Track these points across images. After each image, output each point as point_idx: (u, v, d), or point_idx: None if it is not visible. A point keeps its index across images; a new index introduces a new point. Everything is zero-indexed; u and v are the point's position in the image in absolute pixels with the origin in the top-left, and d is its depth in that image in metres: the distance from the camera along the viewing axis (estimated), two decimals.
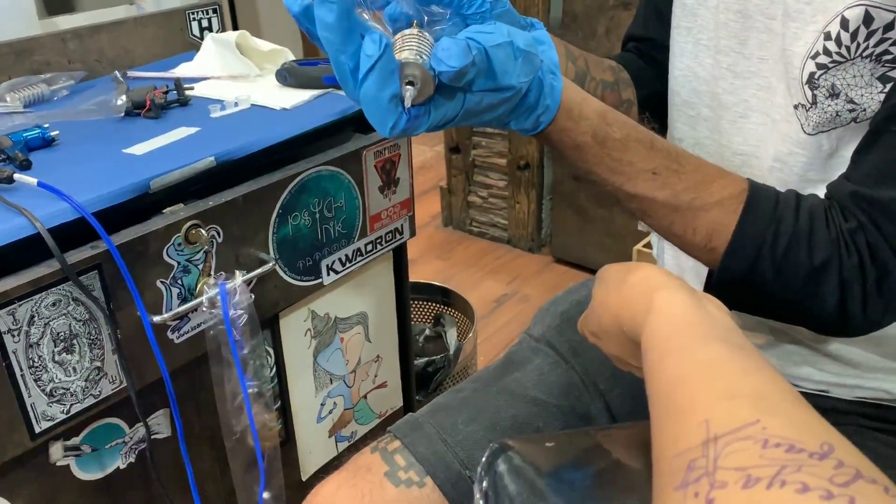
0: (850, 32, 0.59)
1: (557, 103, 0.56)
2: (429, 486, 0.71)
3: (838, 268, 0.58)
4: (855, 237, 0.58)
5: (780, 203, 0.60)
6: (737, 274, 0.60)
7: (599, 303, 0.52)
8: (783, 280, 0.59)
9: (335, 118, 0.97)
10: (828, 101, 0.62)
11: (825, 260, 0.58)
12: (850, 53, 0.59)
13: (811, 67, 0.61)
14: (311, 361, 1.04)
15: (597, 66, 0.80)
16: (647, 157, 0.59)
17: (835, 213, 0.59)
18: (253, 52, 1.11)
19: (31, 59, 1.03)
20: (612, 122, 0.58)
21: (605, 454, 0.48)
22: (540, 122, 0.57)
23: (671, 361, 0.41)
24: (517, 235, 2.55)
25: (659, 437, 0.37)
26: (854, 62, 0.60)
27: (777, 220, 0.59)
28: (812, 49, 0.61)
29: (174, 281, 0.80)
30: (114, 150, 0.85)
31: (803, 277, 0.58)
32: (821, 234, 0.58)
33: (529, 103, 0.55)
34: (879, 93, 0.60)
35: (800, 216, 0.59)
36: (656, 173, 0.59)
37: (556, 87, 0.56)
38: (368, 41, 0.47)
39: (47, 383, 0.72)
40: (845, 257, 0.58)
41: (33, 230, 0.69)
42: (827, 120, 0.63)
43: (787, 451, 0.31)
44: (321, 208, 0.94)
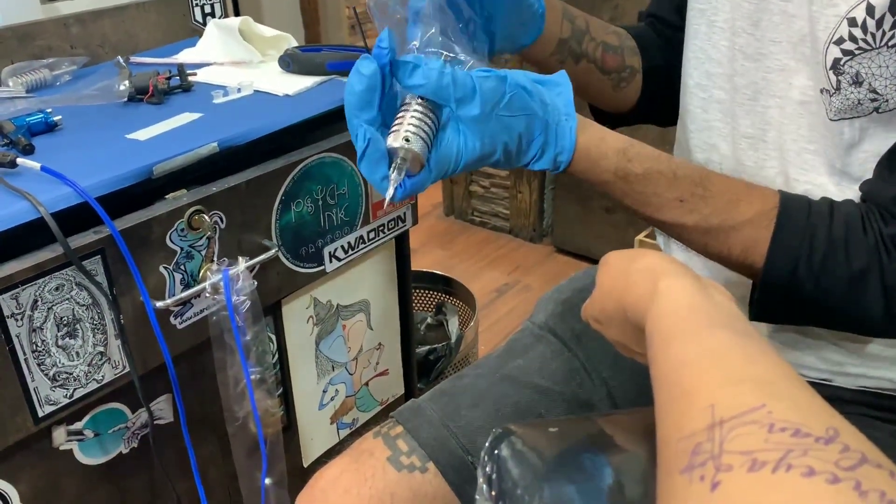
0: (875, 20, 0.58)
1: (573, 144, 0.59)
2: (431, 471, 0.72)
3: (880, 274, 0.58)
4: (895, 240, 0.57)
5: (813, 214, 0.60)
6: (777, 289, 0.61)
7: (603, 289, 0.52)
8: (824, 290, 0.59)
9: (338, 105, 0.96)
10: (851, 88, 0.61)
11: (865, 267, 0.58)
12: (875, 42, 0.59)
13: (836, 53, 0.61)
14: (314, 348, 1.05)
15: (600, 28, 0.81)
16: (671, 187, 0.61)
17: (873, 218, 0.59)
18: (256, 38, 1.10)
19: (34, 43, 1.03)
20: (632, 158, 0.60)
21: (607, 439, 0.48)
22: (559, 163, 0.60)
23: (676, 347, 0.41)
24: (519, 225, 2.55)
25: (664, 422, 0.37)
26: (880, 51, 0.59)
27: (811, 231, 0.59)
28: (835, 34, 0.60)
29: (177, 267, 0.80)
30: (117, 136, 0.85)
31: (844, 286, 0.58)
32: (858, 240, 0.58)
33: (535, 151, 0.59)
34: None
35: (834, 225, 0.59)
36: (683, 200, 0.61)
37: (570, 128, 0.59)
38: (360, 133, 0.54)
39: (50, 368, 0.72)
40: (886, 262, 0.57)
41: (37, 214, 0.69)
42: (849, 107, 0.62)
43: (792, 435, 0.31)
44: (324, 195, 0.94)
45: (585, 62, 0.80)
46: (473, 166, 0.58)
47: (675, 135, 0.84)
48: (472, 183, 2.61)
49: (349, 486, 0.71)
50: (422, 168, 0.55)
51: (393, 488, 0.70)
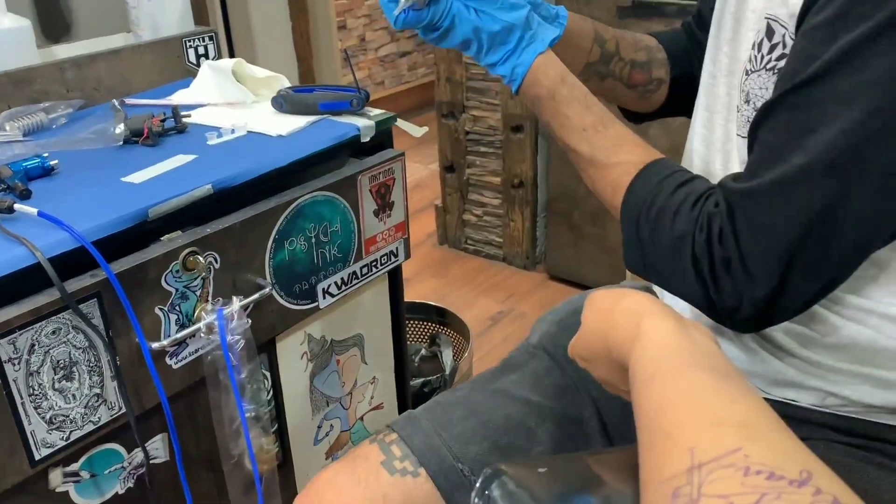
0: (758, 43, 0.65)
1: (530, 63, 0.72)
2: (422, 476, 0.75)
3: (691, 242, 0.63)
4: (711, 219, 0.62)
5: (669, 179, 0.66)
6: (628, 233, 0.69)
7: (589, 328, 0.53)
8: (655, 246, 0.66)
9: (330, 144, 0.98)
10: (745, 105, 0.68)
11: (682, 233, 0.63)
12: (758, 64, 0.65)
13: (741, 74, 0.68)
14: (308, 384, 1.05)
15: (630, 46, 0.89)
16: (580, 116, 0.72)
17: (709, 198, 0.64)
18: (249, 79, 1.12)
19: (30, 88, 1.05)
20: (567, 84, 0.72)
21: (596, 478, 0.49)
22: (515, 75, 0.72)
23: (658, 387, 0.42)
24: (512, 253, 2.56)
25: (646, 463, 0.38)
26: (759, 73, 0.65)
27: (656, 192, 0.66)
28: (749, 54, 0.68)
29: (172, 307, 0.81)
30: (112, 179, 0.86)
31: (667, 247, 0.65)
32: (685, 211, 0.64)
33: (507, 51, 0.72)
34: None
35: (676, 192, 0.65)
36: (585, 130, 0.71)
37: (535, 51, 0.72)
38: None
39: (47, 411, 0.73)
40: (697, 234, 0.62)
41: (34, 260, 0.70)
42: (742, 124, 0.68)
43: (767, 478, 0.33)
44: (317, 233, 0.95)
45: (611, 80, 0.89)
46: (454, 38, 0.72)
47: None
48: (466, 212, 2.63)
49: (343, 488, 0.74)
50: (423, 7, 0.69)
51: (385, 490, 0.74)
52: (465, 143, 2.51)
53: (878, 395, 0.70)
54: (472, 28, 0.71)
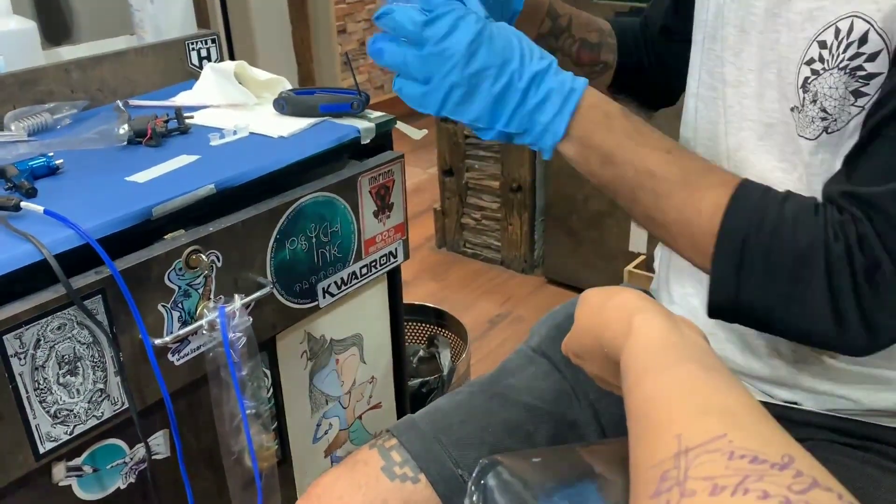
0: (837, 41, 0.61)
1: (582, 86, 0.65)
2: (422, 482, 0.76)
3: (824, 251, 0.58)
4: (845, 227, 0.58)
5: (769, 195, 0.62)
6: (725, 260, 0.62)
7: (582, 325, 0.55)
8: (771, 267, 0.60)
9: (331, 146, 1.00)
10: (810, 105, 0.64)
11: (811, 243, 0.58)
12: (832, 62, 0.62)
13: (806, 72, 0.64)
14: (307, 383, 1.07)
15: (583, 25, 0.89)
16: (661, 138, 0.66)
17: (828, 207, 0.60)
18: (251, 82, 1.14)
19: (35, 88, 1.06)
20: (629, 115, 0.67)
21: (588, 469, 0.51)
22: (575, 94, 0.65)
23: (648, 380, 0.44)
24: (510, 257, 2.58)
25: (636, 450, 0.40)
26: (832, 72, 0.62)
27: (765, 205, 0.61)
28: (806, 55, 0.64)
29: (175, 305, 0.82)
30: (117, 178, 0.88)
31: (791, 260, 0.59)
32: (807, 219, 0.59)
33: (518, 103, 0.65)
34: (851, 105, 0.62)
35: (787, 204, 0.61)
36: (670, 152, 0.65)
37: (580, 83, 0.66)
38: None
39: (52, 405, 0.74)
40: (832, 242, 0.58)
41: (40, 257, 0.71)
42: (806, 124, 0.65)
43: (750, 462, 0.34)
44: (317, 233, 0.97)
45: (559, 55, 0.87)
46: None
47: None
48: (464, 215, 2.65)
49: (343, 493, 0.75)
50: None
51: (385, 496, 0.74)
52: (464, 147, 2.53)
53: (882, 397, 0.71)
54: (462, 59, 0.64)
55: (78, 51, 1.19)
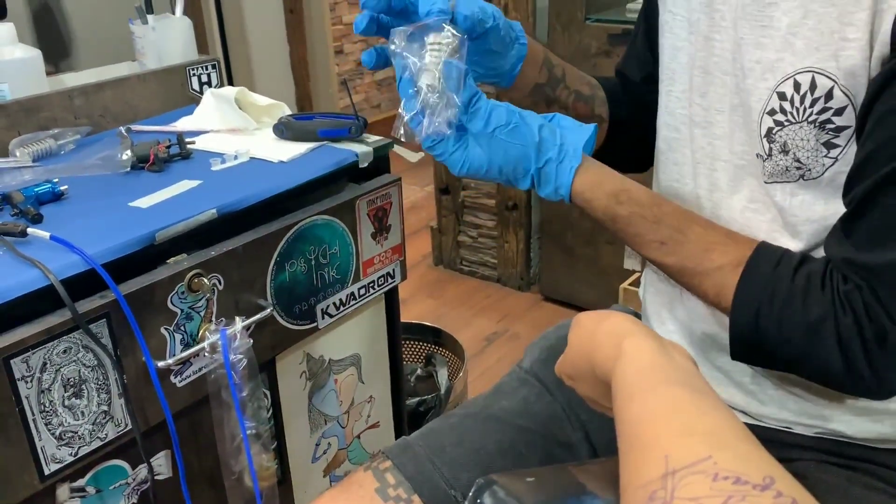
0: (800, 95, 0.64)
1: (569, 182, 0.69)
2: (415, 503, 0.77)
3: (834, 325, 0.61)
4: (850, 297, 0.61)
5: (781, 265, 0.65)
6: (744, 331, 0.66)
7: (574, 348, 0.57)
8: (785, 337, 0.64)
9: (330, 170, 1.02)
10: (780, 155, 0.67)
11: (820, 317, 0.62)
12: (798, 116, 0.65)
13: (769, 123, 0.67)
14: (307, 403, 1.08)
15: (576, 78, 0.89)
16: (653, 231, 0.69)
17: (834, 276, 0.63)
18: (251, 107, 1.16)
19: (40, 115, 1.08)
20: (623, 202, 0.69)
21: (580, 487, 0.52)
22: (560, 195, 0.69)
23: (637, 402, 0.45)
24: (506, 274, 2.60)
25: (625, 470, 0.41)
26: (801, 125, 0.65)
27: (774, 281, 0.64)
28: (767, 105, 0.67)
29: (177, 327, 0.84)
30: (120, 204, 0.90)
31: (802, 334, 0.62)
32: (815, 293, 0.62)
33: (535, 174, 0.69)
34: (824, 157, 0.65)
35: (796, 278, 0.64)
36: (664, 243, 0.69)
37: (571, 168, 0.68)
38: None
39: (57, 427, 0.76)
40: (840, 314, 0.61)
41: (47, 282, 0.73)
42: (779, 172, 0.68)
43: (733, 483, 0.36)
44: (316, 255, 0.99)
45: (556, 107, 0.87)
46: (476, 175, 0.69)
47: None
48: (461, 233, 2.67)
49: None
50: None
51: None
52: None
53: (867, 428, 0.72)
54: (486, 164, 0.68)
55: (81, 77, 1.21)
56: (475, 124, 0.67)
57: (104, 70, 1.26)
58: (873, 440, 0.73)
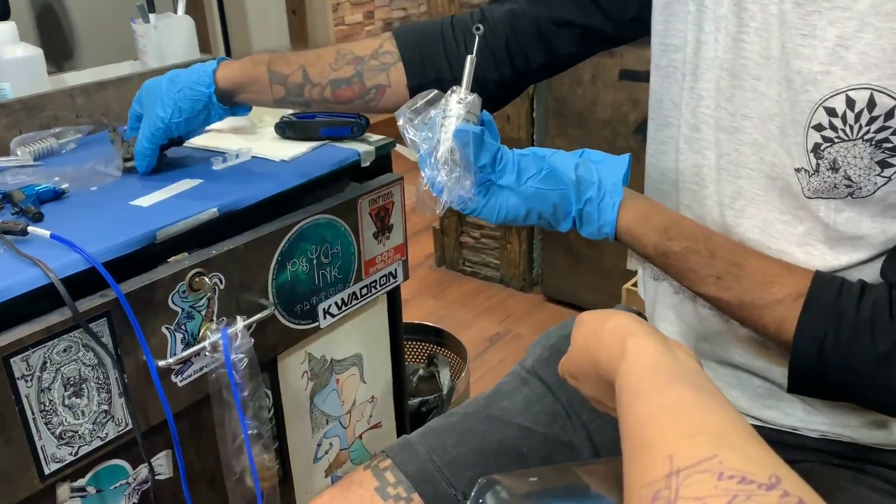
0: (854, 113, 0.61)
1: (614, 219, 0.68)
2: (416, 502, 0.77)
3: None
4: None
5: (843, 294, 0.62)
6: (807, 366, 0.64)
7: (578, 347, 0.56)
8: (851, 370, 0.61)
9: (332, 169, 1.01)
10: (829, 172, 0.64)
11: (890, 348, 0.59)
12: (852, 133, 0.62)
13: (816, 138, 0.64)
14: (308, 403, 1.08)
15: (326, 68, 0.89)
16: (708, 266, 0.66)
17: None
18: None
19: (41, 114, 1.08)
20: (673, 237, 0.67)
21: (583, 487, 0.52)
22: (604, 234, 0.69)
23: (641, 402, 0.45)
24: (509, 275, 2.59)
25: (629, 470, 0.41)
26: (856, 143, 0.62)
27: (839, 311, 0.62)
28: (812, 119, 0.63)
29: (178, 326, 0.84)
30: (121, 203, 0.90)
31: (871, 366, 0.60)
32: (884, 323, 0.60)
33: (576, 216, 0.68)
34: (877, 175, 0.62)
35: (861, 307, 0.61)
36: (720, 278, 0.66)
37: (613, 205, 0.68)
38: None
39: (57, 426, 0.75)
40: None
41: (47, 280, 0.73)
42: (825, 189, 0.65)
43: (739, 482, 0.35)
44: (318, 255, 0.98)
45: (317, 104, 0.89)
46: (514, 222, 0.69)
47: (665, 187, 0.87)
48: (463, 234, 2.66)
49: None
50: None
51: None
52: None
53: (878, 433, 0.72)
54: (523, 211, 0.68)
55: (82, 76, 1.21)
56: (506, 179, 0.66)
57: (106, 69, 1.26)
58: (881, 444, 0.72)
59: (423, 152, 0.66)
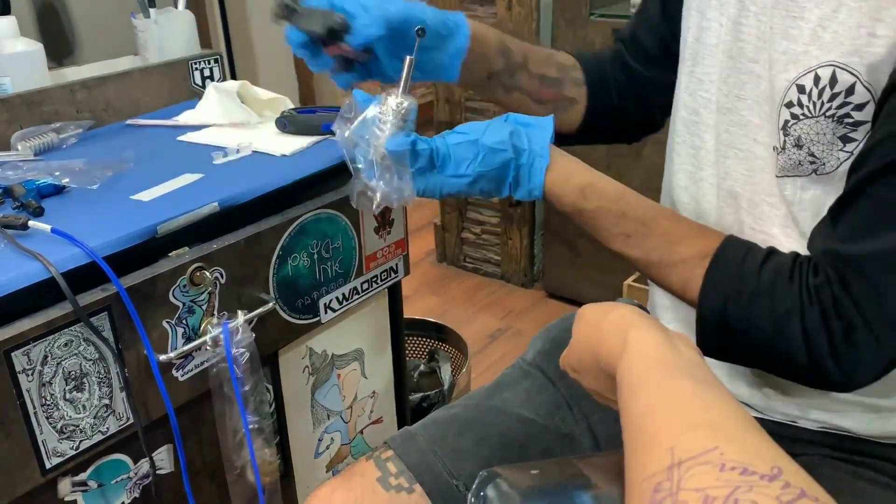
0: (818, 89, 0.63)
1: (542, 181, 0.70)
2: (417, 492, 0.77)
3: (800, 317, 0.61)
4: (819, 291, 0.61)
5: (748, 258, 0.65)
6: (711, 325, 0.66)
7: (579, 340, 0.56)
8: (752, 330, 0.64)
9: (333, 163, 1.01)
10: (794, 149, 0.66)
11: (788, 310, 0.61)
12: (815, 110, 0.64)
13: (786, 115, 0.66)
14: (309, 397, 1.08)
15: (540, 61, 0.88)
16: (618, 224, 0.70)
17: (803, 269, 0.62)
18: (253, 101, 1.16)
19: (42, 109, 1.08)
20: (588, 196, 0.70)
21: (585, 479, 0.52)
22: (534, 195, 0.71)
23: (642, 394, 0.45)
24: (510, 271, 2.59)
25: (630, 463, 0.41)
26: (818, 119, 0.63)
27: (741, 275, 0.64)
28: (785, 97, 0.65)
29: (179, 321, 0.84)
30: (122, 197, 0.89)
31: (769, 327, 0.62)
32: (783, 286, 0.62)
33: (511, 182, 0.70)
34: (839, 150, 0.63)
35: (762, 273, 0.63)
36: (629, 236, 0.70)
37: (541, 168, 0.70)
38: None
39: (58, 420, 0.75)
40: (807, 307, 0.61)
41: (48, 275, 0.73)
42: (791, 166, 0.67)
43: (740, 473, 0.35)
44: (319, 249, 0.98)
45: (518, 93, 0.87)
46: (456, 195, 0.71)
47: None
48: (464, 230, 2.66)
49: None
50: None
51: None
52: None
53: (875, 426, 0.72)
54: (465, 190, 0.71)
55: (83, 71, 1.21)
56: (446, 172, 0.69)
57: (106, 64, 1.26)
58: (879, 436, 0.72)
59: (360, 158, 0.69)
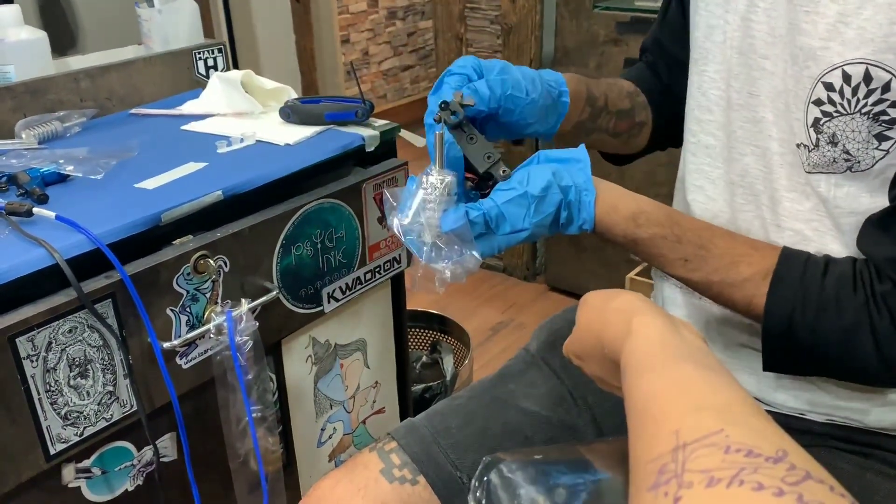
0: (851, 87, 0.62)
1: (591, 217, 0.68)
2: (421, 484, 0.77)
3: (870, 329, 0.62)
4: (886, 298, 0.61)
5: (808, 271, 0.65)
6: (777, 341, 0.66)
7: (583, 327, 0.56)
8: (820, 344, 0.64)
9: (336, 153, 1.01)
10: (828, 146, 0.66)
11: (855, 321, 0.62)
12: (850, 108, 0.63)
13: (816, 113, 0.65)
14: (312, 387, 1.08)
15: (616, 98, 0.87)
16: (675, 250, 0.68)
17: (866, 276, 0.63)
18: (257, 90, 1.16)
19: (46, 97, 1.08)
20: (641, 224, 0.68)
21: (588, 466, 0.52)
22: (584, 230, 0.69)
23: (647, 379, 0.45)
24: (513, 264, 2.59)
25: (635, 446, 0.41)
26: (853, 117, 0.63)
27: (805, 288, 0.64)
28: (812, 95, 0.65)
29: (183, 309, 0.84)
30: (126, 185, 0.90)
31: (837, 340, 0.63)
32: (847, 298, 0.62)
33: (563, 222, 0.68)
34: (875, 149, 0.63)
35: (826, 283, 0.64)
36: (687, 260, 0.68)
37: (589, 202, 0.67)
38: None
39: (62, 407, 0.75)
40: (876, 318, 0.61)
41: (52, 261, 0.73)
42: (825, 163, 0.66)
43: (745, 455, 0.35)
44: (323, 239, 0.98)
45: (597, 134, 0.87)
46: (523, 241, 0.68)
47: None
48: None
49: (343, 496, 0.76)
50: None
51: (385, 498, 0.75)
52: None
53: (888, 418, 0.72)
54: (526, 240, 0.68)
55: (86, 60, 1.21)
56: (505, 230, 0.66)
57: (110, 53, 1.26)
58: (887, 428, 0.72)
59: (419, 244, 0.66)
